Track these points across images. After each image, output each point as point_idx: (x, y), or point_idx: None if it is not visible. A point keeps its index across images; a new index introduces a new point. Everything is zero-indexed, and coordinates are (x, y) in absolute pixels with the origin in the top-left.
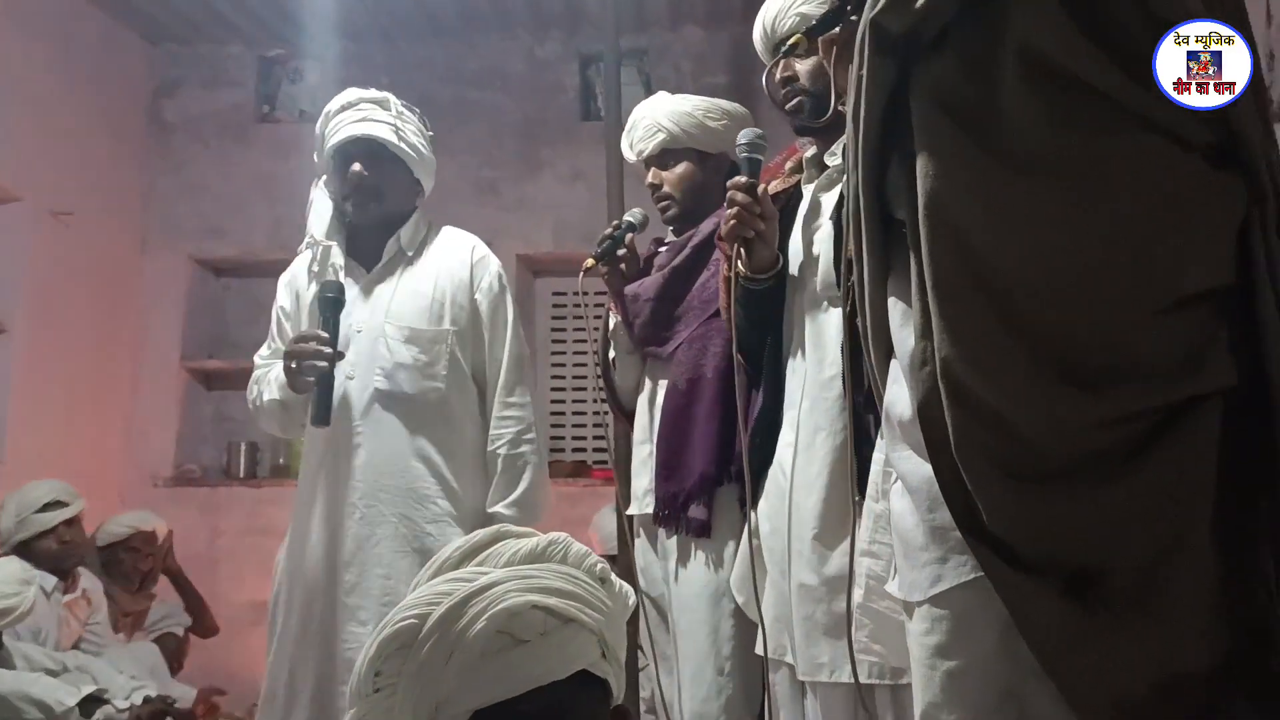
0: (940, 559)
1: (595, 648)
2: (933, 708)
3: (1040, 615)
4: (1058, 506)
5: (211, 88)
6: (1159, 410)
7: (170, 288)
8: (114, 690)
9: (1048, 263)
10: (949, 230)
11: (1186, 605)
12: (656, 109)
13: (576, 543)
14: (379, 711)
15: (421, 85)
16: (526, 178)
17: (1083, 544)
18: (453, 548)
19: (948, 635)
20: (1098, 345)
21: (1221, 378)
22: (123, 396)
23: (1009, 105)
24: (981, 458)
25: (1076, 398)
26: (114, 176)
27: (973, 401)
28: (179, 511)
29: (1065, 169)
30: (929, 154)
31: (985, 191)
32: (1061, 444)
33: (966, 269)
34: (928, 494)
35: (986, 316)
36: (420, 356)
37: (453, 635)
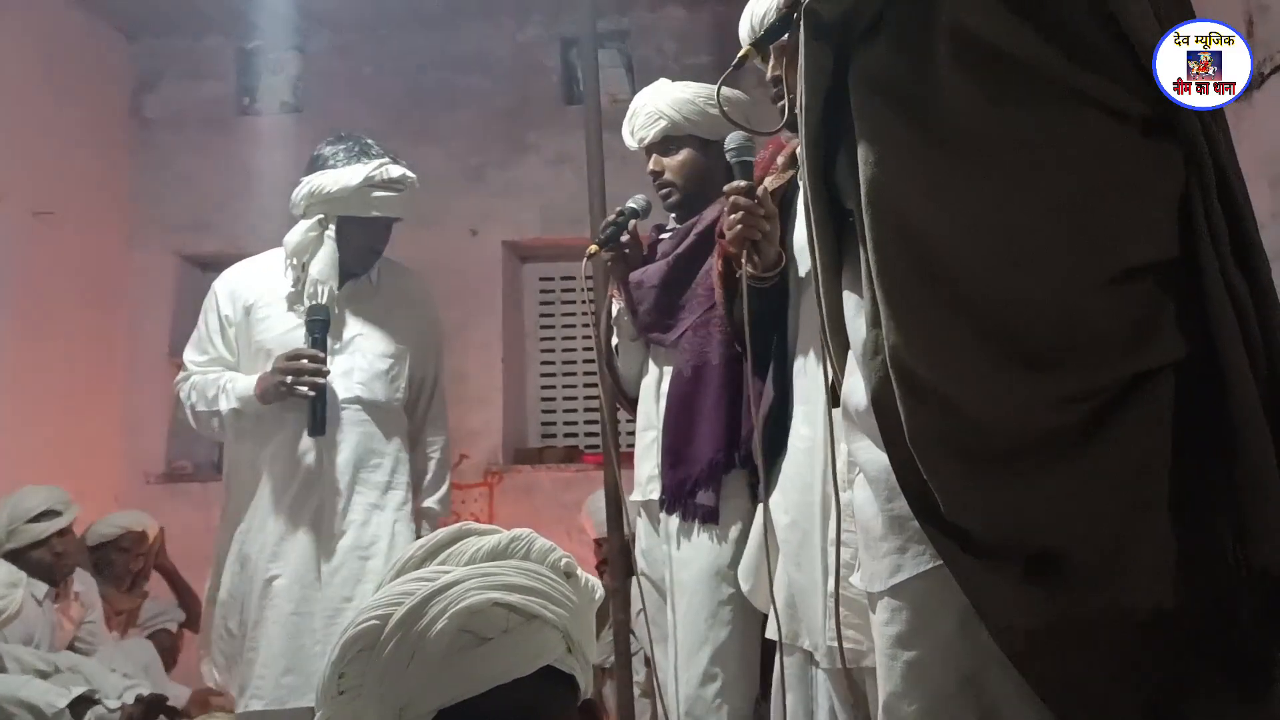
0: (899, 549)
1: (560, 643)
2: (893, 698)
3: (1001, 601)
4: (1012, 489)
5: (192, 81)
6: (1110, 387)
7: (157, 284)
8: (106, 690)
9: (987, 243)
10: (890, 216)
11: (1148, 583)
12: (658, 96)
13: (540, 538)
14: (345, 714)
15: (405, 73)
16: (512, 163)
17: (1040, 526)
18: (416, 546)
19: (907, 625)
20: (1042, 324)
21: (1170, 351)
22: (113, 394)
23: (944, 86)
24: (934, 444)
25: (1024, 378)
26: (96, 174)
27: (922, 387)
28: (172, 508)
29: (1001, 147)
30: (868, 140)
31: (923, 175)
32: (1012, 425)
33: (909, 254)
34: (886, 483)
35: (931, 301)
36: (391, 369)
37: (414, 635)
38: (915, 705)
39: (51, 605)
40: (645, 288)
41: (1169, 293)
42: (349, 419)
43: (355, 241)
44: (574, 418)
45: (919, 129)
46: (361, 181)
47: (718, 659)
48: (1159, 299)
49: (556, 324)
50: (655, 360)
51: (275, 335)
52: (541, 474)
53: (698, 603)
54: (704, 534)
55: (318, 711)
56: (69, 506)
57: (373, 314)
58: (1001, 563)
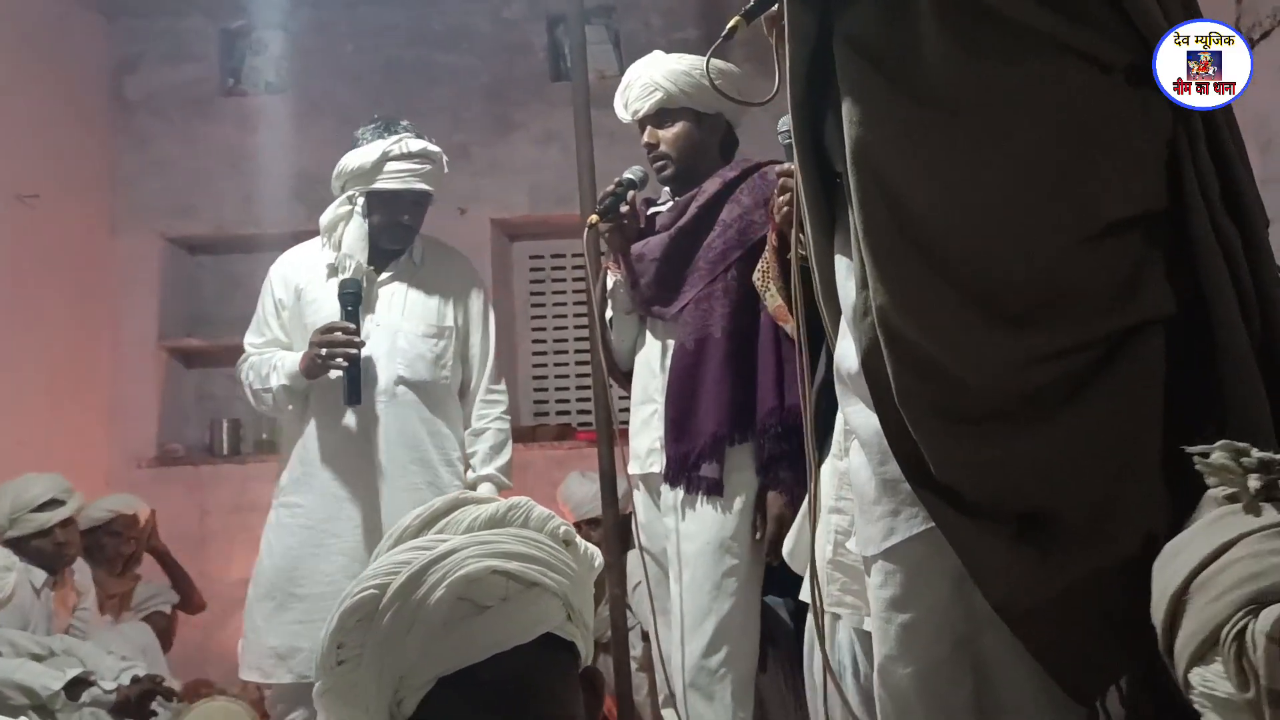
0: (892, 512)
1: (560, 611)
2: (889, 660)
3: (993, 562)
4: (1001, 448)
5: (173, 62)
6: (1096, 344)
7: (143, 267)
8: (101, 672)
9: (968, 202)
10: (874, 177)
11: (1139, 543)
12: (653, 68)
13: (539, 506)
14: (344, 684)
15: (387, 50)
16: (498, 140)
17: (1030, 485)
18: (412, 516)
19: (901, 588)
20: (1024, 282)
21: (1158, 305)
22: (102, 379)
23: (925, 44)
24: (922, 405)
25: (1008, 336)
26: (79, 157)
27: (909, 348)
28: (165, 492)
29: (982, 103)
30: (851, 101)
31: (906, 135)
32: (999, 384)
33: (893, 215)
34: (878, 447)
35: (915, 262)
36: (435, 349)
37: (413, 604)
38: (910, 668)
39: (50, 593)
40: (647, 260)
41: (1156, 245)
42: (396, 399)
43: (381, 217)
44: (566, 395)
45: (901, 88)
46: (379, 156)
47: (721, 629)
48: (1145, 252)
49: (547, 302)
50: (653, 333)
51: (324, 315)
52: (534, 452)
53: (701, 574)
54: (708, 506)
55: (316, 682)
56: (71, 495)
57: (415, 294)
58: (993, 524)
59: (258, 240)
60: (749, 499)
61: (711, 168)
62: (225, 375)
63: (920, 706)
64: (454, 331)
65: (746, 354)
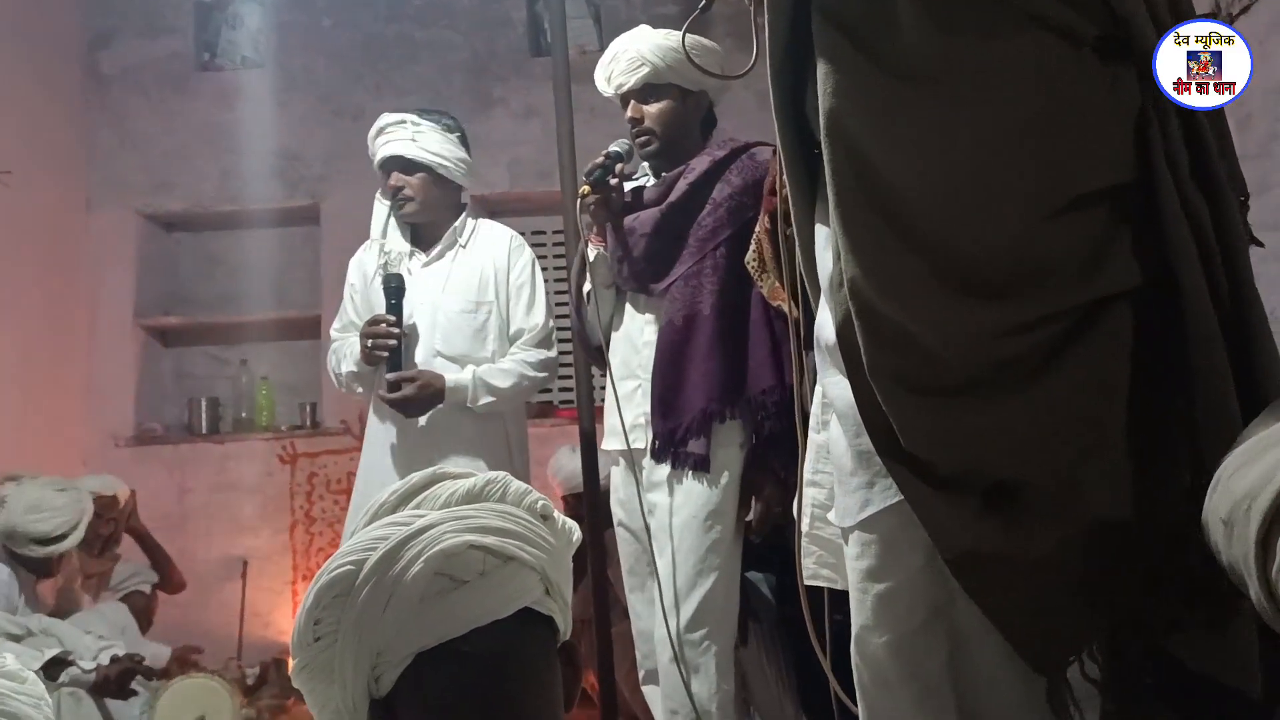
0: (868, 484)
1: (538, 585)
2: (865, 630)
3: (956, 533)
4: (969, 420)
5: (148, 37)
6: (1064, 316)
7: (119, 245)
8: (80, 651)
9: (938, 173)
10: (847, 148)
11: (1101, 509)
12: (641, 42)
13: (516, 480)
14: (321, 660)
15: (365, 24)
16: (478, 116)
17: (996, 456)
18: (389, 492)
19: (877, 559)
20: (993, 254)
21: (1126, 278)
22: (79, 358)
23: (900, 15)
24: (892, 376)
25: (977, 308)
26: (53, 133)
27: (880, 320)
28: (144, 471)
29: (953, 75)
30: (825, 72)
31: (878, 106)
32: (968, 356)
33: (864, 186)
34: (854, 418)
35: (885, 233)
36: (474, 323)
37: (390, 580)
38: (886, 637)
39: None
40: (637, 235)
41: (1124, 218)
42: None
43: (385, 193)
44: None
45: (874, 59)
46: (372, 134)
47: (706, 604)
48: (1113, 225)
49: None
50: (635, 308)
51: (380, 304)
52: None
53: (687, 548)
54: (694, 481)
55: (293, 659)
56: (75, 527)
57: (459, 271)
58: (959, 494)
59: (236, 217)
60: (734, 475)
61: (693, 145)
62: (203, 353)
63: (895, 675)
64: (494, 305)
65: (735, 331)
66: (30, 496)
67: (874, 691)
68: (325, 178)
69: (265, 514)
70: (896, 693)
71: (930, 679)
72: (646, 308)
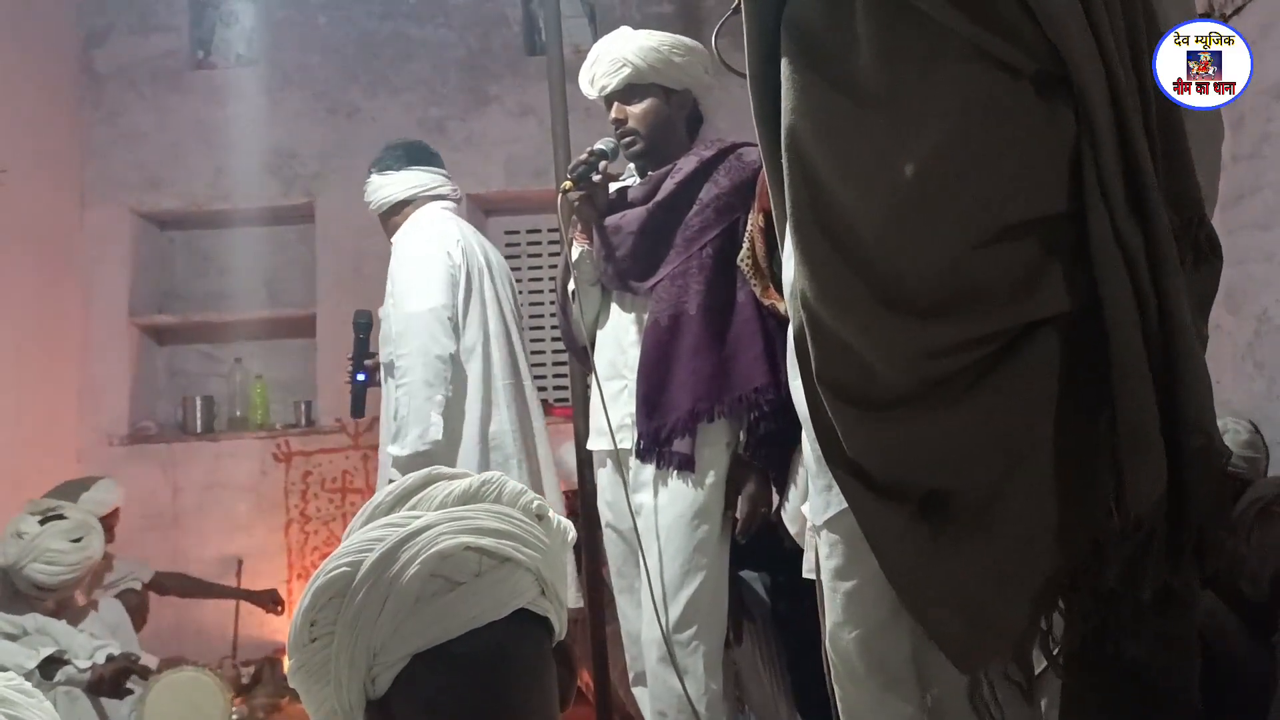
0: (828, 486)
1: (533, 586)
2: (836, 627)
3: (889, 536)
4: (903, 433)
5: (143, 34)
6: (996, 337)
7: (113, 243)
8: (75, 650)
9: (879, 195)
10: (801, 163)
11: (1024, 520)
12: (622, 44)
13: (511, 481)
14: (317, 661)
15: (360, 22)
16: (474, 115)
17: (928, 468)
18: (384, 493)
19: (843, 558)
20: (927, 276)
21: (1055, 303)
22: (72, 356)
23: (858, 37)
24: (834, 386)
25: (912, 327)
26: (47, 130)
27: (826, 332)
28: (138, 470)
29: (899, 99)
30: (787, 87)
31: (830, 125)
32: (904, 373)
33: (814, 203)
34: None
35: (830, 251)
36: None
37: (386, 581)
38: (855, 633)
39: None
40: (624, 233)
41: (1055, 246)
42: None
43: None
44: (542, 371)
45: (831, 79)
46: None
47: (692, 604)
48: (1044, 253)
49: (523, 276)
50: (622, 307)
51: None
52: None
53: (674, 548)
54: (680, 480)
55: (290, 659)
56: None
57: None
58: (895, 503)
59: (230, 215)
60: (720, 475)
61: (679, 144)
62: (197, 352)
63: (864, 667)
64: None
65: (721, 331)
66: (45, 546)
67: (846, 684)
68: (320, 175)
69: (260, 512)
70: (865, 684)
71: (896, 671)
72: (633, 307)
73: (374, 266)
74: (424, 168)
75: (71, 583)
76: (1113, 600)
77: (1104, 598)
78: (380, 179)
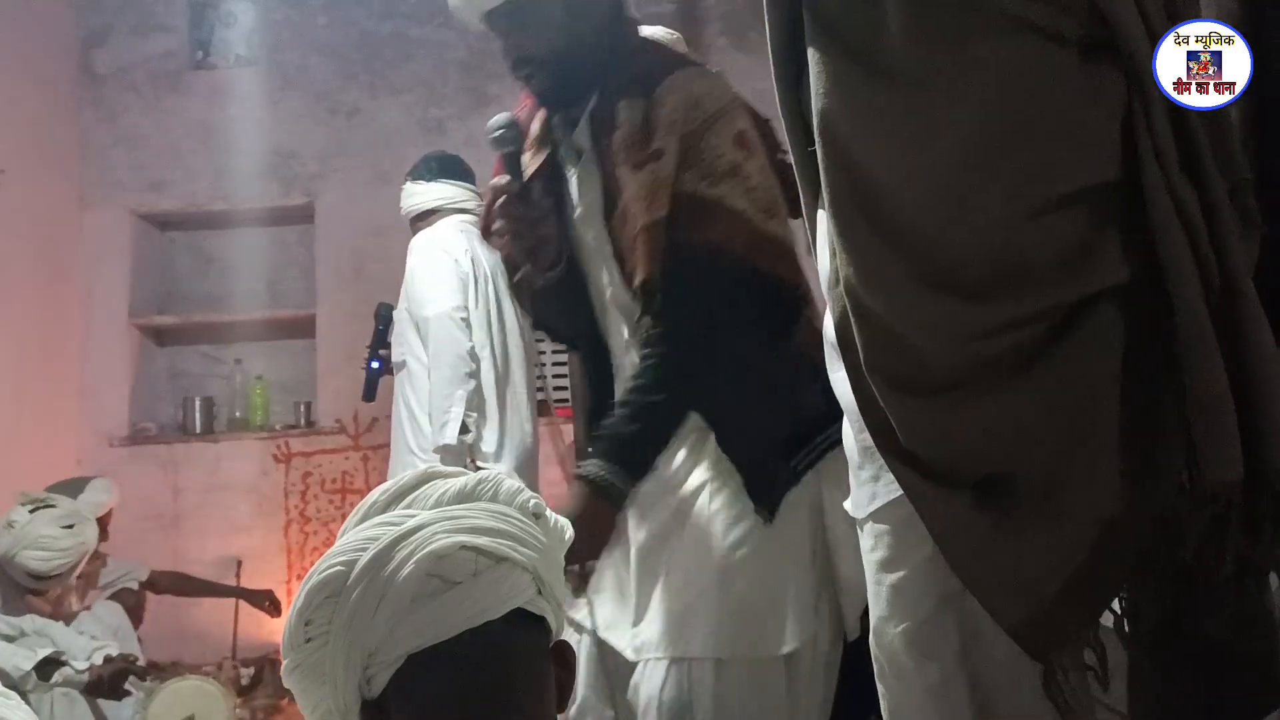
0: (874, 477)
1: (530, 585)
2: (881, 621)
3: (951, 525)
4: (957, 418)
5: (142, 35)
6: (1049, 314)
7: (113, 243)
8: (73, 651)
9: (920, 174)
10: (837, 148)
11: (1091, 501)
12: None
13: (508, 479)
14: (312, 661)
15: (360, 22)
16: (473, 114)
17: (985, 453)
18: (379, 491)
19: (889, 550)
20: (975, 254)
21: (1110, 275)
22: (72, 357)
23: (887, 15)
24: (886, 375)
25: (960, 309)
26: (47, 132)
27: (873, 319)
28: (138, 471)
29: (937, 76)
30: (816, 72)
31: (864, 107)
32: (954, 356)
33: (853, 187)
34: (856, 414)
35: (872, 235)
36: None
37: (381, 581)
38: (901, 626)
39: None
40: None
41: (1110, 216)
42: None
43: None
44: (543, 371)
45: (863, 63)
46: None
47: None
48: (1098, 223)
49: None
50: None
51: None
52: None
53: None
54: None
55: (284, 659)
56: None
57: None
58: (953, 489)
59: (230, 216)
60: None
61: None
62: (197, 352)
63: (911, 662)
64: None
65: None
66: (36, 533)
67: (891, 681)
68: (320, 176)
69: (260, 513)
70: (911, 681)
71: (944, 666)
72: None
73: (374, 267)
74: (453, 181)
75: (66, 571)
76: (1188, 578)
77: (1179, 576)
78: (413, 186)
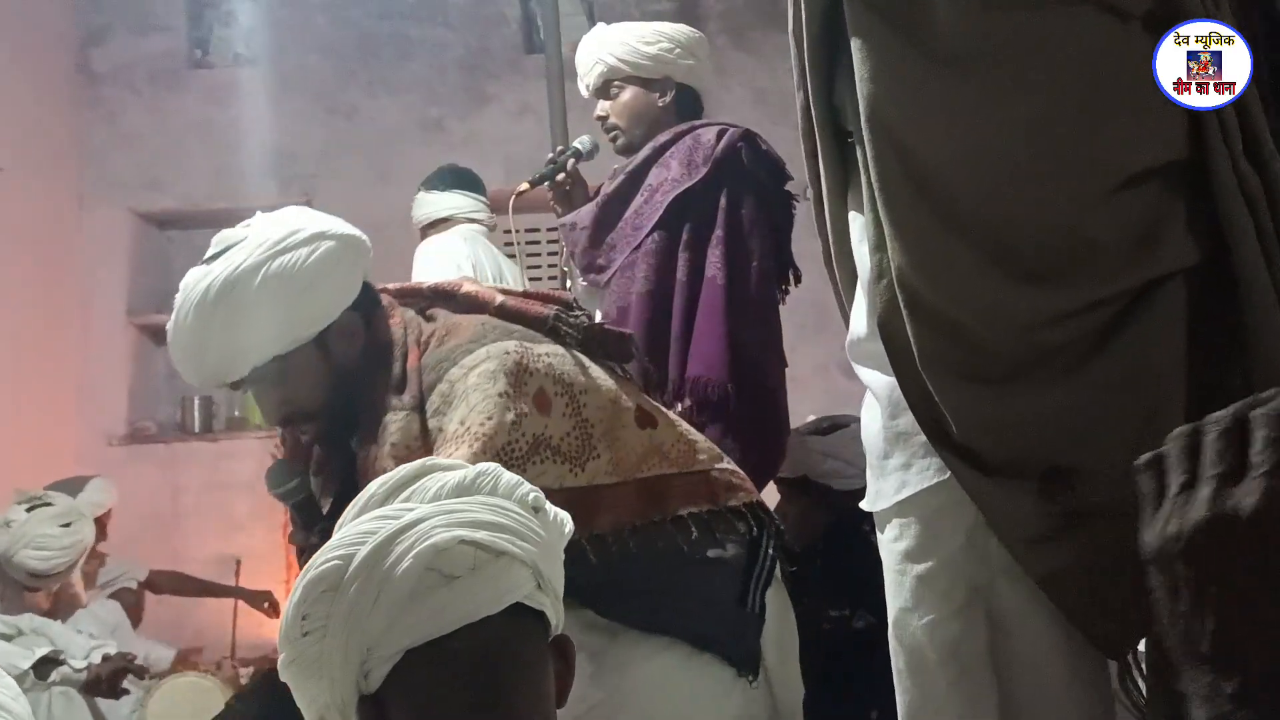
0: (904, 465)
1: (529, 580)
2: (903, 613)
3: (1015, 519)
4: (1020, 408)
5: (140, 34)
6: (1116, 298)
7: (112, 243)
8: (72, 650)
9: (982, 161)
10: (888, 134)
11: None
12: (593, 42)
13: (507, 473)
14: (309, 655)
15: (359, 22)
16: (473, 113)
17: (1049, 443)
18: (378, 484)
19: (916, 540)
20: (1041, 240)
21: (1180, 257)
22: (71, 356)
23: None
24: (943, 367)
25: (1025, 295)
26: (45, 130)
27: (930, 310)
28: (137, 470)
29: (996, 56)
30: (863, 57)
31: (920, 92)
32: (1018, 344)
33: (908, 174)
34: (889, 399)
35: (930, 222)
36: None
37: (379, 575)
38: (926, 618)
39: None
40: (579, 229)
41: (1177, 196)
42: None
43: None
44: None
45: (915, 44)
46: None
47: None
48: (1166, 203)
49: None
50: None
51: None
52: None
53: None
54: None
55: (281, 653)
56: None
57: None
58: (1015, 480)
59: (229, 215)
60: None
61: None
62: None
63: (935, 656)
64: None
65: (662, 319)
66: (35, 531)
67: (911, 676)
68: (319, 175)
69: (259, 512)
70: (934, 675)
71: (970, 661)
72: (595, 302)
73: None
74: (463, 192)
75: (65, 569)
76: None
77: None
78: (427, 196)
